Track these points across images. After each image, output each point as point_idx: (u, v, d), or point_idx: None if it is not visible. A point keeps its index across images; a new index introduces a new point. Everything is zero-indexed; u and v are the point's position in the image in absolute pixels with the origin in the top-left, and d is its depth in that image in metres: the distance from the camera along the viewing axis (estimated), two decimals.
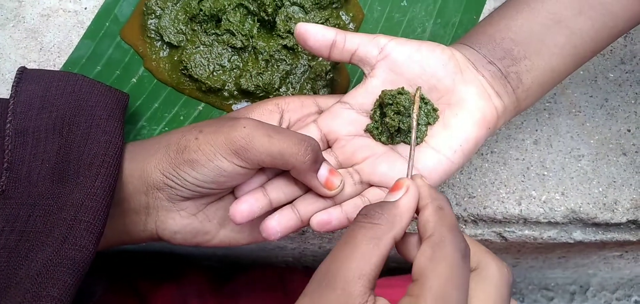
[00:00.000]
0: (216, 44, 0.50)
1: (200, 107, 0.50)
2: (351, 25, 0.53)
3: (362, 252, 0.30)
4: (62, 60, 0.51)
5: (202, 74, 0.49)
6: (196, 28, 0.50)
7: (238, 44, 0.50)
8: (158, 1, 0.51)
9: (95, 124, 0.40)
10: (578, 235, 0.52)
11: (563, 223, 0.50)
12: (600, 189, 0.50)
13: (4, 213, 0.38)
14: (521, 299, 0.89)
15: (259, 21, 0.51)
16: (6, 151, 0.40)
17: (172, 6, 0.51)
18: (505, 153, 0.51)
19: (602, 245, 0.58)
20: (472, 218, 0.50)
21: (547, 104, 0.52)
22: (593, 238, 0.52)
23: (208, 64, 0.50)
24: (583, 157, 0.51)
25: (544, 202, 0.49)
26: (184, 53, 0.50)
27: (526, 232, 0.51)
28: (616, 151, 0.51)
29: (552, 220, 0.50)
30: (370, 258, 0.30)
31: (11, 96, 0.42)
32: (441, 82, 0.41)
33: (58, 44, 0.52)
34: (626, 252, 0.68)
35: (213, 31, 0.50)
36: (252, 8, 0.50)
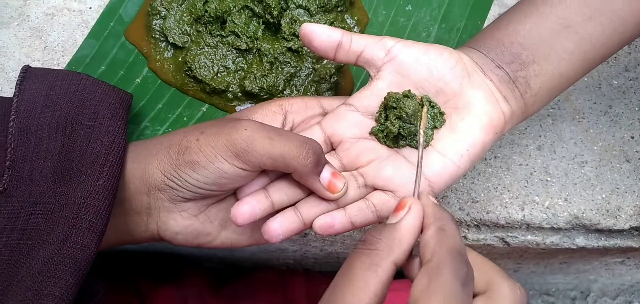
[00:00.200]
0: (221, 46, 0.50)
1: (204, 108, 0.50)
2: (356, 28, 0.53)
3: (359, 281, 0.29)
4: (66, 59, 0.51)
5: (207, 76, 0.49)
6: (201, 29, 0.50)
7: (243, 46, 0.50)
8: (163, 2, 0.51)
9: (98, 123, 0.40)
10: (581, 241, 0.51)
11: (566, 229, 0.50)
12: (603, 195, 0.50)
13: (6, 211, 0.38)
14: None
15: (264, 23, 0.51)
16: (9, 149, 0.40)
17: (177, 7, 0.51)
18: (508, 158, 0.51)
19: (605, 251, 0.58)
20: (475, 223, 0.50)
21: (551, 110, 0.52)
22: (596, 244, 0.52)
23: (212, 66, 0.49)
24: (586, 163, 0.51)
25: (547, 207, 0.49)
26: (189, 54, 0.49)
27: (529, 237, 0.51)
28: (620, 158, 0.51)
29: (555, 226, 0.50)
30: (367, 287, 0.29)
31: (15, 95, 0.42)
32: (448, 85, 0.40)
33: (62, 43, 0.52)
34: (628, 258, 0.68)
35: (218, 33, 0.50)
36: (257, 10, 0.50)
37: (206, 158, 0.37)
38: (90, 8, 0.53)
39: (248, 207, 0.38)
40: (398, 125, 0.39)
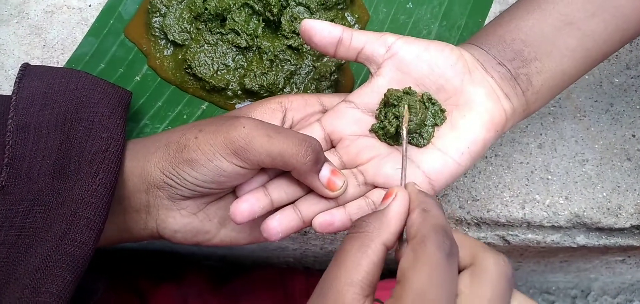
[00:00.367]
0: (221, 43, 0.50)
1: (203, 106, 0.50)
2: (356, 26, 0.52)
3: (351, 261, 0.30)
4: (66, 57, 0.51)
5: (206, 73, 0.49)
6: (201, 27, 0.50)
7: (243, 44, 0.50)
8: None
9: (97, 121, 0.40)
10: (581, 239, 0.51)
11: (567, 227, 0.50)
12: (604, 193, 0.50)
13: (3, 209, 0.38)
14: None
15: (264, 21, 0.50)
16: (7, 147, 0.40)
17: (177, 5, 0.50)
18: (509, 157, 0.51)
19: (605, 250, 0.58)
20: (476, 221, 0.50)
21: (552, 109, 0.52)
22: (596, 243, 0.52)
23: (212, 63, 0.49)
24: (587, 161, 0.51)
25: (548, 206, 0.49)
26: (188, 52, 0.49)
27: (529, 236, 0.51)
28: (621, 156, 0.51)
29: (556, 224, 0.49)
30: (358, 266, 0.30)
31: (13, 92, 0.42)
32: (449, 82, 0.40)
33: (62, 41, 0.52)
34: (629, 257, 0.68)
35: (218, 30, 0.50)
36: (257, 8, 0.50)
37: (205, 156, 0.37)
38: (89, 6, 0.53)
39: (247, 205, 0.38)
40: (395, 124, 0.39)
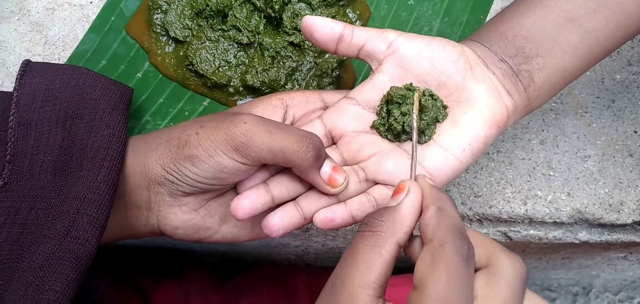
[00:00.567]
0: (222, 40, 0.50)
1: (205, 102, 0.50)
2: (358, 23, 0.52)
3: (364, 261, 0.30)
4: (67, 54, 0.51)
5: (208, 70, 0.49)
6: (202, 23, 0.50)
7: (244, 40, 0.50)
8: None
9: (98, 118, 0.40)
10: (583, 235, 0.51)
11: (569, 223, 0.50)
12: (606, 190, 0.50)
13: (6, 205, 0.38)
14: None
15: (266, 17, 0.50)
16: (9, 143, 0.40)
17: (178, 1, 0.50)
18: (511, 153, 0.51)
19: (607, 246, 0.58)
20: (478, 217, 0.50)
21: (554, 105, 0.52)
22: (598, 239, 0.52)
23: (214, 60, 0.49)
24: (589, 158, 0.50)
25: (550, 202, 0.49)
26: (190, 48, 0.49)
27: (531, 232, 0.51)
28: (622, 152, 0.51)
29: (558, 220, 0.49)
30: (372, 267, 0.30)
31: (15, 89, 0.42)
32: (451, 79, 0.40)
33: (63, 38, 0.52)
34: (630, 253, 0.68)
35: (219, 27, 0.50)
36: (259, 4, 0.50)
37: (205, 152, 0.37)
38: (90, 2, 0.53)
39: (248, 201, 0.38)
40: (402, 120, 0.39)
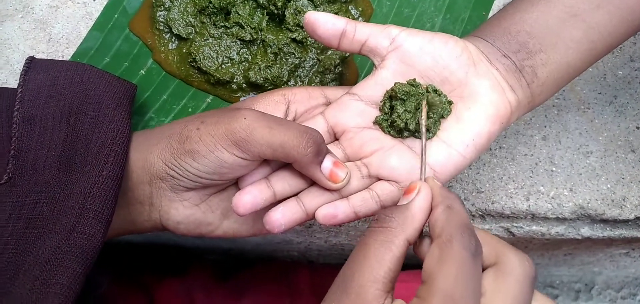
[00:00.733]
0: (225, 37, 0.50)
1: (208, 99, 0.50)
2: (360, 19, 0.52)
3: (374, 256, 0.30)
4: (71, 51, 0.51)
5: (211, 67, 0.49)
6: (205, 20, 0.50)
7: (247, 37, 0.50)
8: None
9: (102, 113, 0.40)
10: (586, 231, 0.51)
11: (571, 219, 0.50)
12: (608, 185, 0.50)
13: (11, 200, 0.38)
14: None
15: (268, 14, 0.50)
16: (13, 139, 0.40)
17: None
18: (513, 149, 0.51)
19: (610, 242, 0.58)
20: (480, 213, 0.50)
21: (556, 101, 0.52)
22: (601, 235, 0.52)
23: (217, 57, 0.49)
24: (591, 153, 0.51)
25: (552, 198, 0.49)
26: (193, 45, 0.49)
27: (534, 228, 0.51)
28: (625, 148, 0.51)
29: (560, 216, 0.49)
30: (382, 262, 0.30)
31: (19, 85, 0.42)
32: (454, 75, 0.40)
33: (66, 35, 0.52)
34: (633, 250, 0.68)
35: (222, 24, 0.50)
36: (262, 1, 0.50)
37: (206, 147, 0.37)
38: (94, 0, 0.53)
39: (250, 196, 0.38)
40: (406, 118, 0.39)
